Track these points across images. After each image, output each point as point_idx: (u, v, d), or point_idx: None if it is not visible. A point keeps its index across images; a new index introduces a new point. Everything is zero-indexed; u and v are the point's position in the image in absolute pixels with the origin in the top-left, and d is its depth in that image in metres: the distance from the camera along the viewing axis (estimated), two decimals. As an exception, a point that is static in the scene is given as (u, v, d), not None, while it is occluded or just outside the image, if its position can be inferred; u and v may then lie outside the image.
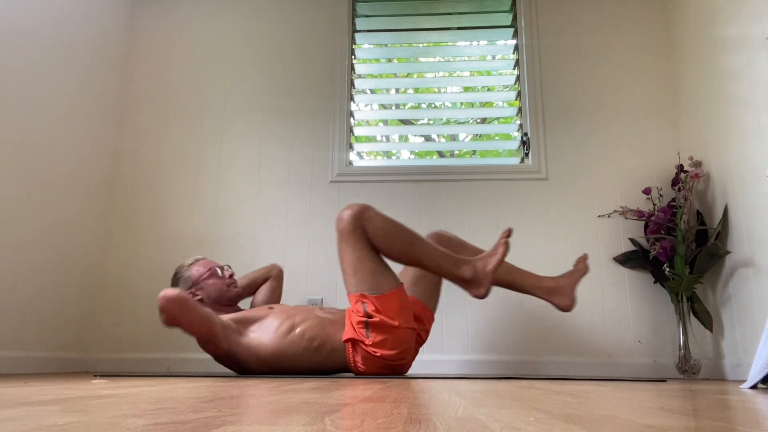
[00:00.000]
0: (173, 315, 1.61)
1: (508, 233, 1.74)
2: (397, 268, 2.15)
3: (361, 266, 1.74)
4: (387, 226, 1.75)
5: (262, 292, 2.10)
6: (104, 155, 2.56)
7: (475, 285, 1.73)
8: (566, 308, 1.85)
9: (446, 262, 1.74)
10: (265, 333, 1.77)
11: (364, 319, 1.72)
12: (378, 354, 1.71)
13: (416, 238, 1.76)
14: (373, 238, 1.75)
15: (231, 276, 1.95)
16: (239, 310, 1.96)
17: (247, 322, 1.80)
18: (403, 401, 0.77)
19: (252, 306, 2.07)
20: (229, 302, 1.92)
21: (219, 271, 1.94)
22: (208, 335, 1.69)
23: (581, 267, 1.90)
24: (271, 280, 2.13)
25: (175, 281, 1.93)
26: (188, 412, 0.60)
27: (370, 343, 1.71)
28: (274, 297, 2.12)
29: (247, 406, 0.68)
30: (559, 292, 1.87)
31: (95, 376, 1.67)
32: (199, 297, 1.88)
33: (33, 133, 2.12)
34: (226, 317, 1.79)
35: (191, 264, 1.94)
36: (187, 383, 1.25)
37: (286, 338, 1.76)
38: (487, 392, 1.01)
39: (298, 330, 1.77)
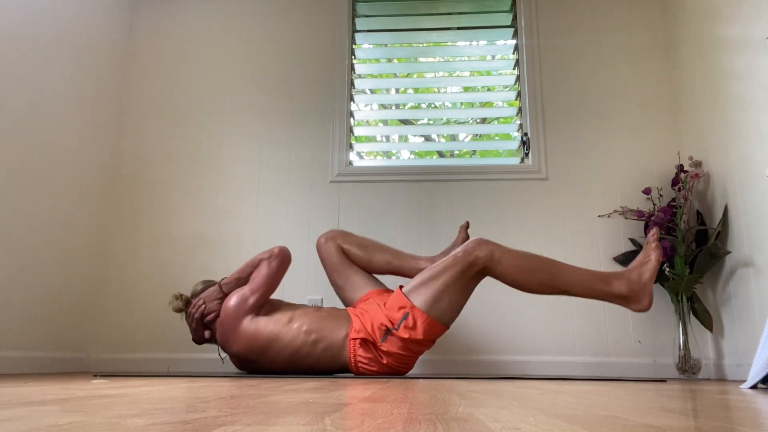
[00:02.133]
0: (284, 266, 1.86)
1: (657, 235, 1.62)
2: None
3: (440, 287, 1.69)
4: (520, 263, 1.67)
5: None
6: (104, 155, 2.56)
7: (635, 299, 1.62)
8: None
9: (595, 283, 1.63)
10: (267, 319, 1.80)
11: (390, 327, 1.71)
12: (385, 361, 1.73)
13: (555, 266, 1.66)
14: (505, 277, 1.67)
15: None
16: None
17: (267, 305, 1.86)
18: (403, 401, 0.77)
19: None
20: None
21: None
22: (266, 297, 1.84)
23: (462, 236, 1.93)
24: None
25: (205, 287, 1.93)
26: (188, 412, 0.60)
27: (384, 349, 1.71)
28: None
29: (247, 406, 0.68)
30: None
31: (95, 376, 1.67)
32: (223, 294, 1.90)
33: (33, 133, 2.12)
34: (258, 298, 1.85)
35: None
36: (187, 383, 1.25)
37: (285, 328, 1.77)
38: (487, 392, 1.01)
39: (296, 323, 1.78)
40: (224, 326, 1.79)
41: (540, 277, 1.65)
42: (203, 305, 1.85)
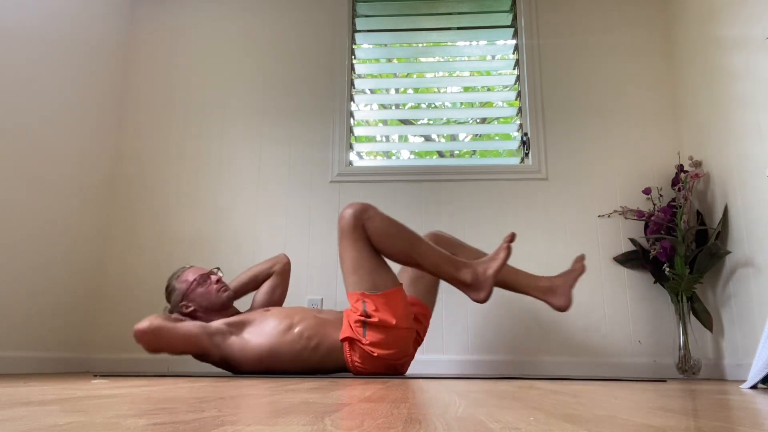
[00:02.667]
0: (152, 345, 1.66)
1: (511, 238, 1.72)
2: (395, 267, 2.15)
3: (361, 265, 1.74)
4: (387, 226, 1.75)
5: (262, 291, 2.05)
6: (104, 155, 2.56)
7: (475, 289, 1.72)
8: (562, 308, 1.85)
9: (446, 265, 1.73)
10: (261, 334, 1.77)
11: (363, 318, 1.71)
12: (375, 354, 1.71)
13: (416, 239, 1.75)
14: (372, 237, 1.75)
15: (219, 281, 1.92)
16: (236, 311, 1.95)
17: (243, 325, 1.81)
18: (403, 401, 0.77)
19: (252, 304, 2.06)
20: (222, 307, 1.89)
21: (206, 278, 1.91)
22: (195, 350, 1.73)
23: (578, 267, 1.89)
24: (274, 277, 2.07)
25: (168, 294, 1.91)
26: (188, 412, 0.60)
27: (368, 342, 1.71)
28: (275, 296, 2.06)
29: (247, 406, 0.68)
30: (555, 292, 1.86)
31: (95, 376, 1.67)
32: (191, 308, 1.86)
33: (33, 133, 2.12)
34: (219, 322, 1.79)
35: (179, 275, 1.91)
36: (187, 383, 1.25)
37: (285, 337, 1.76)
38: (487, 392, 1.01)
39: (296, 329, 1.77)
40: (226, 361, 1.80)
41: (401, 245, 1.74)
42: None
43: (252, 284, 2.06)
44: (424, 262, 1.74)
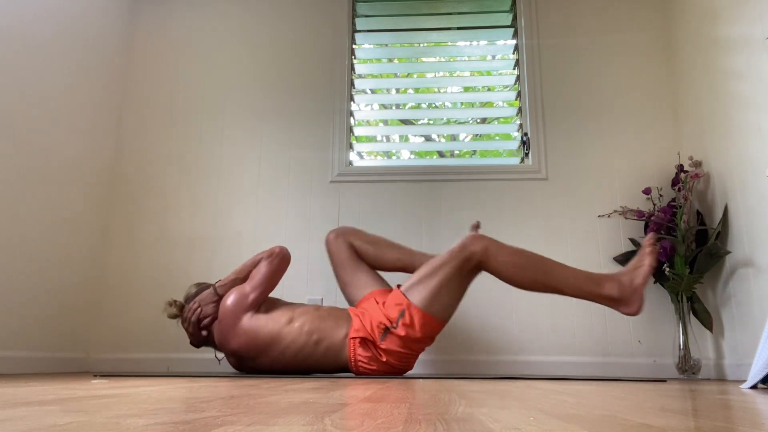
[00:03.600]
0: (283, 260, 1.85)
1: (653, 239, 1.63)
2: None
3: (436, 283, 1.70)
4: (514, 259, 1.69)
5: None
6: (104, 155, 2.56)
7: (625, 303, 1.63)
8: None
9: (587, 284, 1.65)
10: (267, 317, 1.80)
11: (389, 325, 1.71)
12: (384, 359, 1.72)
13: (547, 264, 1.69)
14: (501, 274, 1.69)
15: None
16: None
17: (266, 303, 1.86)
18: (403, 401, 0.77)
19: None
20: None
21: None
22: (270, 285, 1.84)
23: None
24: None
25: (195, 293, 1.91)
26: (188, 412, 0.60)
27: (383, 347, 1.71)
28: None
29: (247, 406, 0.68)
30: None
31: (95, 376, 1.67)
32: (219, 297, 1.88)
33: (33, 132, 2.12)
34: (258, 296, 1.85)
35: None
36: (187, 383, 1.25)
37: (286, 328, 1.76)
38: (487, 392, 1.01)
39: (297, 323, 1.77)
40: (223, 323, 1.79)
41: (533, 275, 1.67)
42: (199, 309, 1.83)
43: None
44: (560, 286, 1.66)
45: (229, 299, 1.80)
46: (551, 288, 1.67)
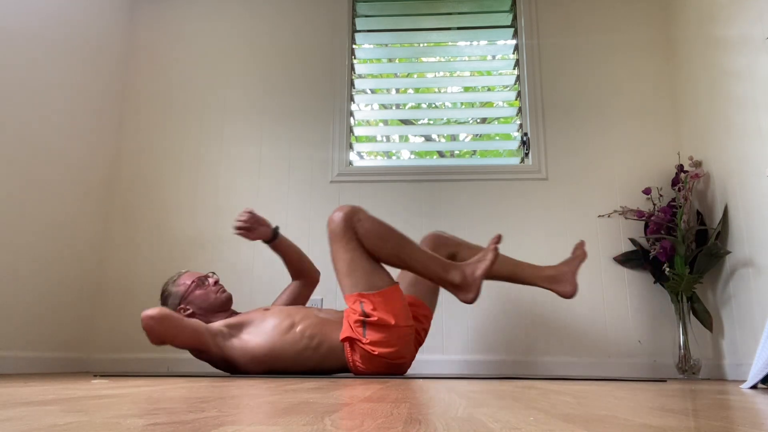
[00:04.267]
0: (158, 333, 1.64)
1: (498, 240, 1.75)
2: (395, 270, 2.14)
3: (356, 266, 1.75)
4: (377, 228, 1.75)
5: (289, 291, 2.06)
6: (104, 155, 2.56)
7: (464, 290, 1.74)
8: (569, 295, 1.87)
9: (435, 266, 1.75)
10: (261, 333, 1.77)
11: (362, 318, 1.72)
12: (376, 352, 1.71)
13: (406, 241, 1.77)
14: (363, 240, 1.75)
15: (216, 282, 1.92)
16: (234, 313, 1.95)
17: (242, 326, 1.80)
18: (403, 401, 0.77)
19: (275, 301, 2.07)
20: (221, 308, 1.89)
21: (204, 281, 1.91)
22: (198, 345, 1.72)
23: (580, 253, 1.92)
24: (305, 285, 2.06)
25: (164, 299, 1.90)
26: (188, 412, 0.60)
27: (368, 341, 1.71)
28: (299, 301, 2.06)
29: (247, 406, 0.68)
30: (560, 280, 1.89)
31: (95, 376, 1.67)
32: (189, 311, 1.85)
33: (33, 133, 2.12)
34: (219, 323, 1.79)
35: (176, 279, 1.91)
36: (187, 383, 1.25)
37: (286, 336, 1.76)
38: (487, 392, 1.01)
39: (298, 328, 1.77)
40: (216, 361, 1.79)
41: (392, 247, 1.75)
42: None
43: (296, 258, 2.02)
44: (413, 264, 1.76)
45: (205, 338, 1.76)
46: (406, 264, 1.76)
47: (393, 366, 1.76)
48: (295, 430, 0.46)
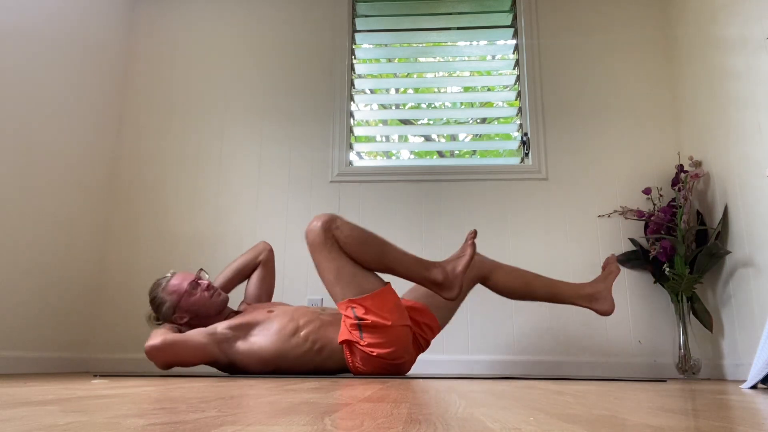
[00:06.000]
0: (166, 360, 1.66)
1: (474, 234, 1.76)
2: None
3: (342, 273, 1.74)
4: (357, 234, 1.75)
5: (252, 283, 2.04)
6: (104, 155, 2.56)
7: (446, 288, 1.75)
8: (608, 312, 1.87)
9: (417, 267, 1.75)
10: (267, 335, 1.77)
11: (357, 321, 1.72)
12: (374, 354, 1.71)
13: (386, 245, 1.77)
14: (344, 247, 1.75)
15: (209, 286, 1.87)
16: (231, 312, 1.93)
17: (248, 327, 1.80)
18: (403, 401, 0.77)
19: (245, 297, 2.04)
20: (217, 310, 1.86)
21: (195, 285, 1.85)
22: (207, 359, 1.73)
23: (614, 268, 1.92)
24: (261, 269, 2.05)
25: (156, 307, 1.84)
26: (188, 412, 0.60)
27: (365, 344, 1.71)
28: (265, 286, 2.04)
29: (247, 406, 0.68)
30: (598, 298, 1.89)
31: (95, 376, 1.67)
32: (186, 319, 1.82)
33: (33, 133, 2.12)
34: (223, 326, 1.78)
35: (165, 285, 1.84)
36: (187, 383, 1.25)
37: (290, 340, 1.76)
38: (487, 392, 1.01)
39: (302, 333, 1.77)
40: (220, 363, 1.79)
41: (372, 252, 1.75)
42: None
43: (238, 278, 2.04)
44: (396, 266, 1.76)
45: (203, 348, 1.75)
46: (387, 267, 1.76)
47: (392, 366, 1.76)
48: (295, 430, 0.46)
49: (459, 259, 1.76)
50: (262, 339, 1.77)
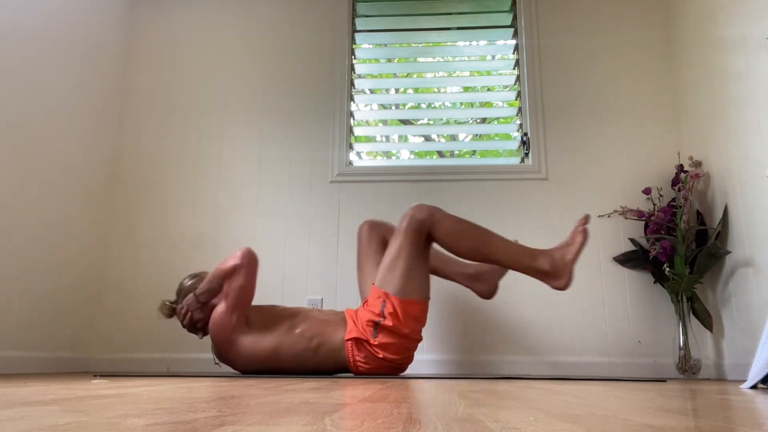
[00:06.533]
0: (252, 270, 1.78)
1: (586, 220, 1.70)
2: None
3: (404, 266, 1.73)
4: (458, 226, 1.74)
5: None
6: (104, 155, 2.56)
7: (555, 277, 1.70)
8: (486, 296, 1.94)
9: (521, 256, 1.71)
10: (266, 329, 1.79)
11: (377, 319, 1.72)
12: (381, 356, 1.72)
13: (488, 235, 1.74)
14: (443, 238, 1.73)
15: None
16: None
17: (259, 312, 1.84)
18: (403, 401, 0.77)
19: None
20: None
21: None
22: (247, 305, 1.79)
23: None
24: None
25: (185, 290, 1.91)
26: (188, 412, 0.60)
27: (376, 343, 1.71)
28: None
29: (247, 406, 0.68)
30: (480, 279, 1.93)
31: (95, 376, 1.67)
32: (205, 297, 1.84)
33: (33, 133, 2.12)
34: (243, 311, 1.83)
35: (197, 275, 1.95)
36: (187, 383, 1.25)
37: (287, 336, 1.77)
38: (487, 392, 1.01)
39: (298, 329, 1.78)
40: (220, 347, 1.79)
41: (473, 243, 1.73)
42: (189, 314, 1.84)
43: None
44: (497, 256, 1.72)
45: (216, 326, 1.76)
46: (490, 257, 1.73)
47: (394, 369, 1.77)
48: (295, 430, 0.46)
49: (568, 246, 1.70)
50: (261, 331, 1.78)
